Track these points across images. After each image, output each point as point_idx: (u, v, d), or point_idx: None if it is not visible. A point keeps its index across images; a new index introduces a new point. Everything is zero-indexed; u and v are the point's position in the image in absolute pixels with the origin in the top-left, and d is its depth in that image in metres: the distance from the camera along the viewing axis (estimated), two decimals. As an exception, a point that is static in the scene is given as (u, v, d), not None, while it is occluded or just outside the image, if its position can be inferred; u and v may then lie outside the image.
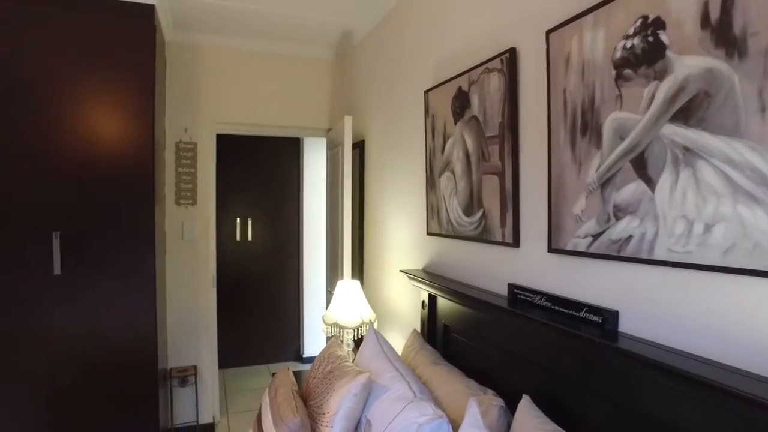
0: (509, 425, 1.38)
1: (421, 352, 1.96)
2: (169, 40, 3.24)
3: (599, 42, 1.24)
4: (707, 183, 0.99)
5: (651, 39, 1.10)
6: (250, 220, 4.77)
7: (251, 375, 4.52)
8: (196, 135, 3.38)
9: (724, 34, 0.94)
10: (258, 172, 4.77)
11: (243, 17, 3.08)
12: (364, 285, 3.12)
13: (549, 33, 1.42)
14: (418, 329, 2.21)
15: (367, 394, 1.65)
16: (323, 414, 1.66)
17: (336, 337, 2.37)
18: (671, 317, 1.09)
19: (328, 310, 2.69)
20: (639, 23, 1.13)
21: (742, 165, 0.92)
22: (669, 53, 1.06)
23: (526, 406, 1.32)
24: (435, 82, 2.17)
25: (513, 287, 1.61)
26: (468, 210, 1.90)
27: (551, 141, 1.43)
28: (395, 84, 2.69)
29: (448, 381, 1.69)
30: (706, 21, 0.97)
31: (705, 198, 0.99)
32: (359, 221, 3.28)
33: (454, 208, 2.00)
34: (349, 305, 2.55)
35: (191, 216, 3.38)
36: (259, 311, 4.81)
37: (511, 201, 1.64)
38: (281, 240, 4.88)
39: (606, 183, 1.24)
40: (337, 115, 3.66)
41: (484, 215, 1.80)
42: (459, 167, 1.96)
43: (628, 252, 1.18)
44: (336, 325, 2.54)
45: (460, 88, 1.93)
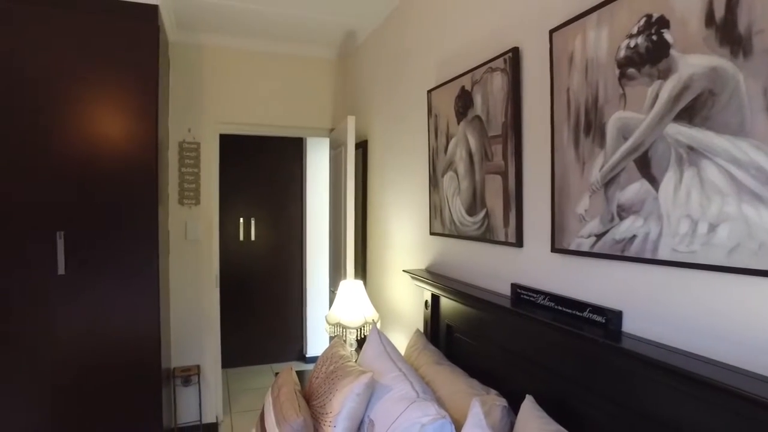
0: (512, 425, 1.38)
1: (424, 352, 1.95)
2: (173, 40, 3.25)
3: (603, 41, 1.24)
4: (712, 182, 0.98)
5: (655, 38, 1.09)
6: (253, 219, 4.78)
7: (254, 375, 4.53)
8: (199, 135, 3.39)
9: (728, 32, 0.94)
10: (261, 172, 4.78)
11: (246, 18, 3.08)
12: (367, 285, 3.12)
13: (552, 32, 1.42)
14: (421, 329, 2.21)
15: (370, 393, 1.65)
16: (326, 414, 1.66)
17: (339, 337, 2.37)
18: (675, 317, 1.08)
19: (331, 309, 2.69)
20: (643, 22, 1.12)
21: (747, 164, 0.91)
22: (673, 52, 1.05)
23: (529, 406, 1.32)
24: (438, 81, 2.16)
25: (516, 287, 1.61)
26: (471, 210, 1.90)
27: (554, 140, 1.43)
28: (398, 84, 2.69)
29: (451, 381, 1.69)
30: (710, 19, 0.97)
31: (709, 197, 0.99)
32: (362, 221, 3.28)
33: (457, 207, 2.00)
34: (352, 305, 2.55)
35: (194, 216, 3.38)
36: (263, 311, 4.82)
37: (515, 201, 1.63)
38: (284, 240, 4.88)
39: (609, 182, 1.24)
40: (340, 115, 3.66)
41: (487, 215, 1.79)
42: (462, 167, 1.95)
43: (631, 252, 1.17)
44: (339, 325, 2.54)
45: (463, 87, 1.93)
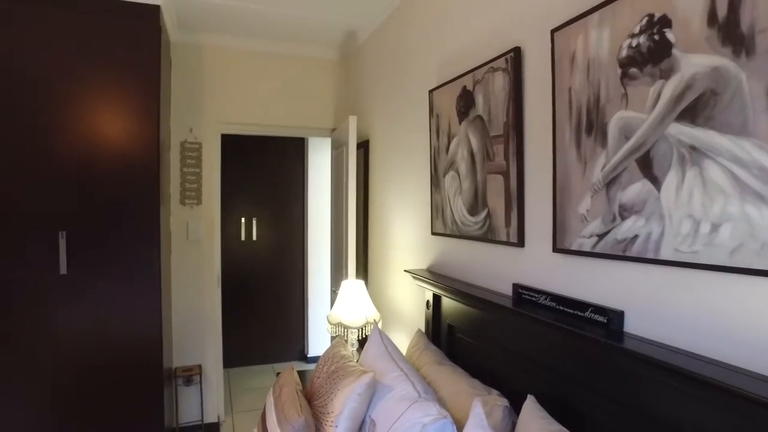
0: (514, 425, 1.38)
1: (426, 351, 1.95)
2: (174, 40, 3.25)
3: (605, 41, 1.24)
4: (714, 182, 0.98)
5: (657, 37, 1.09)
6: (254, 219, 4.78)
7: (256, 374, 4.53)
8: (201, 135, 3.39)
9: (731, 31, 0.93)
10: (263, 172, 4.78)
11: (248, 18, 3.09)
12: (368, 285, 3.12)
13: (554, 32, 1.41)
14: (422, 329, 2.21)
15: (372, 393, 1.65)
16: (327, 414, 1.66)
17: (340, 337, 2.37)
18: (677, 317, 1.08)
19: (332, 309, 2.69)
20: (645, 22, 1.12)
21: (749, 164, 0.91)
22: (675, 52, 1.05)
23: (530, 406, 1.32)
24: (439, 81, 2.16)
25: (518, 287, 1.61)
26: (473, 210, 1.90)
27: (556, 140, 1.42)
28: (400, 84, 2.69)
29: (452, 381, 1.69)
30: (713, 19, 0.97)
31: (712, 197, 0.98)
32: (364, 221, 3.28)
33: (458, 207, 2.00)
34: (354, 305, 2.55)
35: (196, 216, 3.39)
36: (264, 311, 4.82)
37: (516, 201, 1.63)
38: (286, 240, 4.89)
39: (611, 182, 1.23)
40: (342, 115, 3.66)
41: (488, 215, 1.79)
42: (463, 167, 1.95)
43: (633, 252, 1.17)
44: (340, 325, 2.54)
45: (464, 87, 1.93)
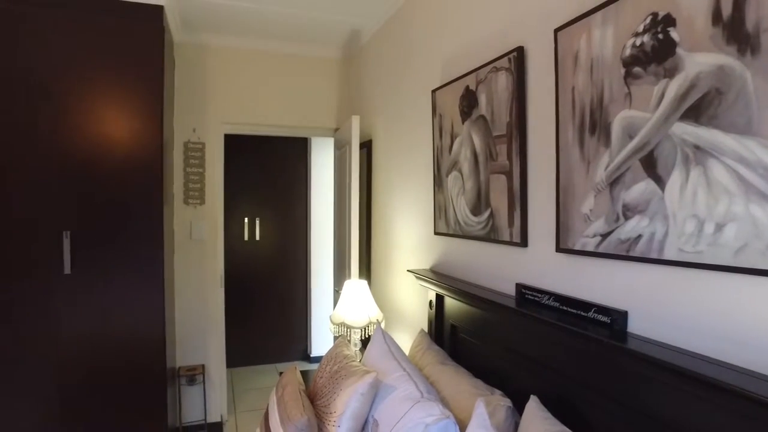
0: (517, 426, 1.38)
1: (429, 351, 1.95)
2: (178, 40, 3.26)
3: (608, 40, 1.23)
4: (718, 182, 0.97)
5: (661, 36, 1.08)
6: (258, 219, 4.79)
7: (259, 374, 4.54)
8: (204, 135, 3.40)
9: (736, 30, 0.93)
10: (266, 171, 4.79)
11: (251, 18, 3.09)
12: (371, 285, 3.12)
13: (557, 31, 1.41)
14: (425, 329, 2.21)
15: (374, 393, 1.65)
16: (330, 413, 1.66)
17: (343, 337, 2.38)
18: (681, 317, 1.08)
19: (335, 309, 2.69)
20: (649, 20, 1.11)
21: (754, 163, 0.90)
22: (679, 50, 1.04)
23: (533, 406, 1.31)
24: (442, 81, 2.16)
25: (521, 287, 1.61)
26: (475, 209, 1.90)
27: (559, 140, 1.42)
28: (402, 83, 2.69)
29: (455, 381, 1.68)
30: (717, 17, 0.96)
31: (716, 197, 0.98)
32: (366, 221, 3.28)
33: (461, 207, 2.00)
34: (357, 305, 2.55)
35: (199, 216, 3.40)
36: (267, 311, 4.83)
37: (519, 200, 1.63)
38: (289, 239, 4.89)
39: (615, 182, 1.23)
40: (345, 115, 3.66)
41: (491, 215, 1.79)
42: (466, 167, 1.95)
43: (637, 252, 1.16)
44: (343, 325, 2.54)
45: (467, 87, 1.92)
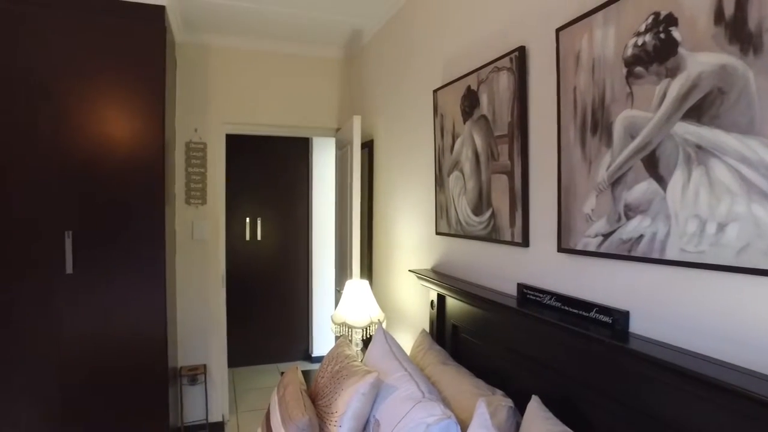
0: (518, 426, 1.37)
1: (430, 352, 1.95)
2: (179, 41, 3.27)
3: (610, 39, 1.23)
4: (720, 182, 0.97)
5: (663, 36, 1.08)
6: (259, 219, 4.79)
7: (260, 374, 4.54)
8: (205, 135, 3.41)
9: (738, 29, 0.92)
10: (267, 171, 4.79)
11: (252, 18, 3.09)
12: (372, 284, 3.12)
13: (559, 31, 1.41)
14: (426, 329, 2.21)
15: (376, 393, 1.65)
16: (331, 413, 1.66)
17: (345, 337, 2.38)
18: (683, 318, 1.07)
19: (336, 309, 2.69)
20: (650, 20, 1.11)
21: (756, 163, 0.90)
22: (681, 50, 1.04)
23: (535, 406, 1.31)
24: (444, 81, 2.16)
25: (522, 287, 1.60)
26: (477, 209, 1.89)
27: (561, 140, 1.42)
28: (404, 83, 2.69)
29: (456, 381, 1.68)
30: (720, 17, 0.96)
31: (718, 197, 0.97)
32: (368, 221, 3.28)
33: (463, 207, 1.99)
34: (358, 305, 2.55)
35: (201, 215, 3.40)
36: (269, 311, 4.83)
37: (521, 200, 1.62)
38: (290, 239, 4.89)
39: (616, 182, 1.23)
40: (346, 115, 3.66)
41: (493, 215, 1.79)
42: (468, 167, 1.95)
43: (639, 252, 1.16)
44: (345, 325, 2.54)
45: (469, 87, 1.92)
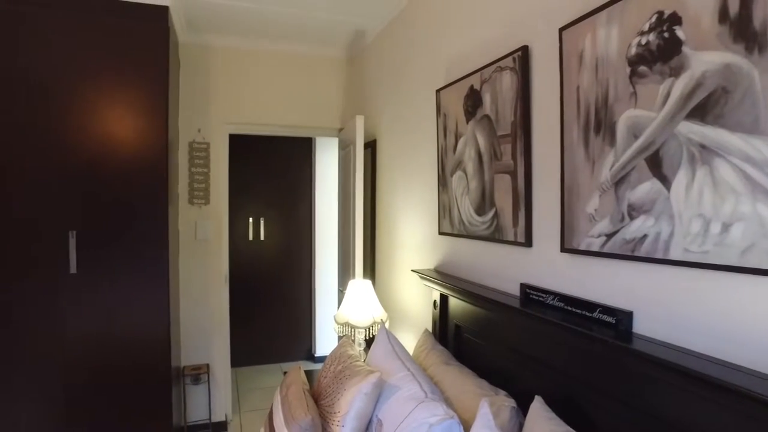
0: (521, 426, 1.37)
1: (433, 351, 1.95)
2: (183, 41, 3.27)
3: (613, 39, 1.23)
4: (725, 181, 0.96)
5: (667, 35, 1.08)
6: (262, 219, 4.80)
7: (263, 374, 4.55)
8: (209, 135, 3.41)
9: (743, 28, 0.92)
10: (270, 171, 4.80)
11: (255, 18, 3.10)
12: (375, 284, 3.12)
13: (562, 30, 1.41)
14: (429, 329, 2.21)
15: (378, 393, 1.65)
16: (334, 413, 1.66)
17: (347, 337, 2.38)
18: (687, 318, 1.07)
19: (339, 309, 2.69)
20: (654, 19, 1.11)
21: (761, 163, 0.90)
22: (685, 49, 1.04)
23: (538, 407, 1.31)
24: (447, 81, 2.16)
25: (525, 287, 1.60)
26: (480, 209, 1.89)
27: (564, 139, 1.41)
28: (407, 83, 2.69)
29: (459, 381, 1.68)
30: (724, 15, 0.95)
31: (722, 197, 0.97)
32: (371, 221, 3.28)
33: (466, 207, 1.99)
34: (361, 305, 2.55)
35: (204, 215, 3.41)
36: (271, 310, 4.83)
37: (524, 200, 1.62)
38: (293, 239, 4.90)
39: (620, 182, 1.22)
40: (349, 115, 3.66)
41: (496, 215, 1.78)
42: (471, 166, 1.95)
43: (642, 252, 1.16)
44: (347, 325, 2.54)
45: (472, 86, 1.92)
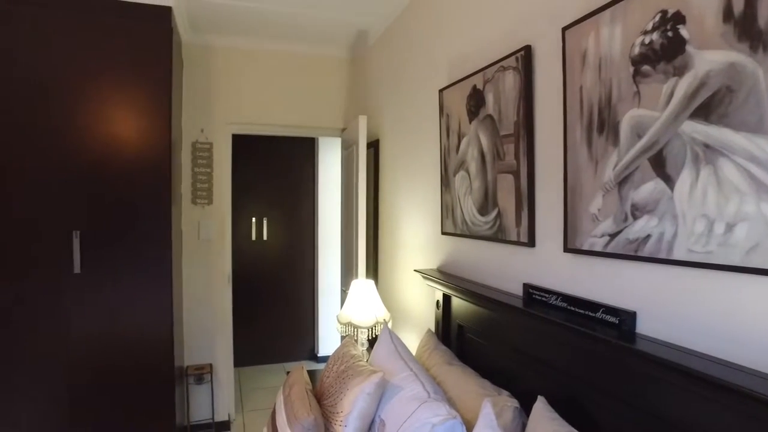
0: (524, 426, 1.37)
1: (436, 352, 1.95)
2: (186, 41, 3.28)
3: (616, 38, 1.22)
4: (729, 181, 0.96)
5: (670, 34, 1.07)
6: (265, 219, 4.80)
7: (266, 373, 4.56)
8: (212, 135, 3.42)
9: (748, 27, 0.91)
10: (273, 171, 4.80)
11: (259, 18, 3.10)
12: (378, 284, 3.12)
13: (565, 30, 1.40)
14: (432, 329, 2.20)
15: (381, 393, 1.65)
16: (337, 413, 1.66)
17: (350, 337, 2.38)
18: (690, 318, 1.06)
19: (342, 309, 2.69)
20: (658, 18, 1.10)
21: (766, 162, 0.89)
22: (689, 48, 1.03)
23: (541, 407, 1.31)
24: (449, 80, 2.15)
25: (528, 287, 1.60)
26: (483, 209, 1.89)
27: (567, 139, 1.41)
28: (410, 83, 2.69)
29: (462, 381, 1.68)
30: (728, 14, 0.95)
31: (727, 196, 0.96)
32: (374, 221, 3.28)
33: (468, 207, 1.99)
34: (364, 304, 2.55)
35: (207, 215, 3.41)
36: (275, 310, 4.84)
37: (527, 200, 1.62)
38: (296, 239, 4.90)
39: (623, 182, 1.22)
40: (352, 115, 3.66)
41: (499, 214, 1.78)
42: (474, 166, 1.94)
43: (646, 252, 1.15)
44: (350, 325, 2.54)
45: (474, 86, 1.92)
